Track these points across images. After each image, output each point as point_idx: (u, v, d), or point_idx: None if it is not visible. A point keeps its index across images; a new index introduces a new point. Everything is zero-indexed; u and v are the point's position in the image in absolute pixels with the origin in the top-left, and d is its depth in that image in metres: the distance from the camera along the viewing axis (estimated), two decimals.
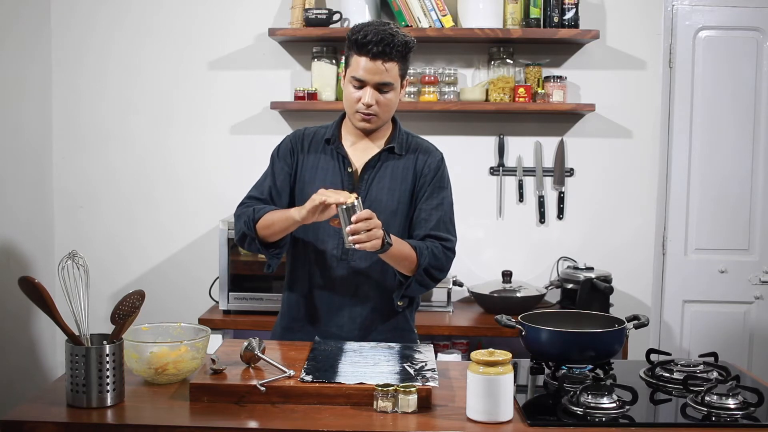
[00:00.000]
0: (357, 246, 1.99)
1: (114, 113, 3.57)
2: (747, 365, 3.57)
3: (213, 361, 1.88)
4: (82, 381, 1.75)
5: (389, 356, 2.01)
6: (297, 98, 3.38)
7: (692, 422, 1.76)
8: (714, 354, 2.14)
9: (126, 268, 3.60)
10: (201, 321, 3.11)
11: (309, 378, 1.82)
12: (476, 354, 1.72)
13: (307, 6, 3.38)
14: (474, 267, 3.53)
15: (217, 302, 3.27)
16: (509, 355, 1.73)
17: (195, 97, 3.55)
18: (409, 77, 3.37)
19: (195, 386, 1.80)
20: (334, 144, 2.26)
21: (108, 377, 1.76)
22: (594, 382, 1.84)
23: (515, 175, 3.55)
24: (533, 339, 2.01)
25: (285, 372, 1.83)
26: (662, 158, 3.55)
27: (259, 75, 3.52)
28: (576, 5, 3.35)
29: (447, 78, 3.44)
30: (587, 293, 3.19)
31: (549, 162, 3.55)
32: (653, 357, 2.19)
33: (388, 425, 1.69)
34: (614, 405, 1.77)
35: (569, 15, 3.35)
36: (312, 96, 3.37)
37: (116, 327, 1.80)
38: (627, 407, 1.78)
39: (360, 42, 2.11)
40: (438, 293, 3.40)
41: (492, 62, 3.44)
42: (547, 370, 2.04)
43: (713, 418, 1.76)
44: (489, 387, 1.69)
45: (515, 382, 1.77)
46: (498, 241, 3.57)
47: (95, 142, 3.58)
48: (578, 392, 1.79)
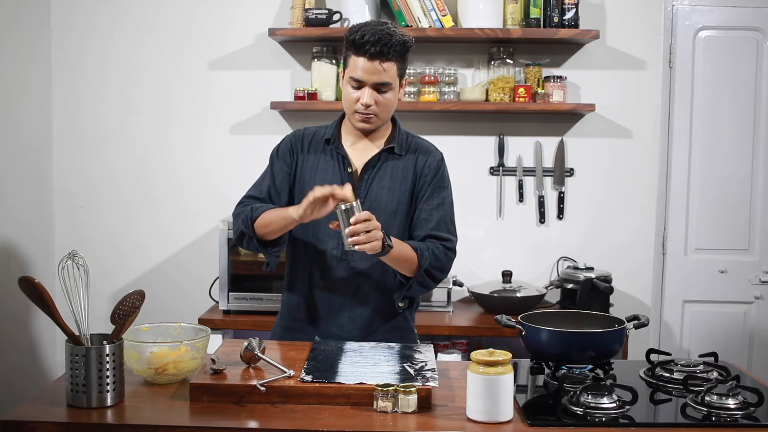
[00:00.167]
0: (356, 247, 1.99)
1: (114, 113, 3.57)
2: (747, 365, 3.56)
3: (213, 361, 1.88)
4: (82, 381, 1.75)
5: (389, 356, 2.01)
6: (297, 98, 3.38)
7: (692, 422, 1.76)
8: (714, 354, 2.14)
9: (126, 268, 3.61)
10: (201, 321, 3.11)
11: (309, 378, 1.82)
12: (476, 354, 1.72)
13: (307, 6, 3.38)
14: (474, 267, 3.53)
15: (217, 302, 3.27)
16: (509, 355, 1.73)
17: (195, 97, 3.56)
18: (409, 77, 3.39)
19: (195, 386, 1.80)
20: (334, 144, 2.26)
21: (108, 377, 1.76)
22: (594, 382, 1.84)
23: (515, 175, 3.55)
24: (533, 339, 2.01)
25: (285, 372, 1.83)
26: (662, 158, 3.55)
27: (259, 75, 3.52)
28: (576, 5, 3.35)
29: (447, 78, 3.44)
30: (587, 293, 3.19)
31: (549, 162, 3.55)
32: (653, 357, 2.19)
33: (388, 425, 1.69)
34: (614, 405, 1.77)
35: (569, 15, 3.35)
36: (312, 96, 3.37)
37: (116, 327, 1.80)
38: (627, 407, 1.78)
39: (357, 42, 2.11)
40: (438, 293, 3.39)
41: (492, 62, 3.44)
42: (547, 370, 2.04)
43: (713, 418, 1.76)
44: (489, 387, 1.69)
45: (515, 382, 1.76)
46: (498, 241, 3.57)
47: (95, 142, 3.58)
48: (578, 392, 1.79)
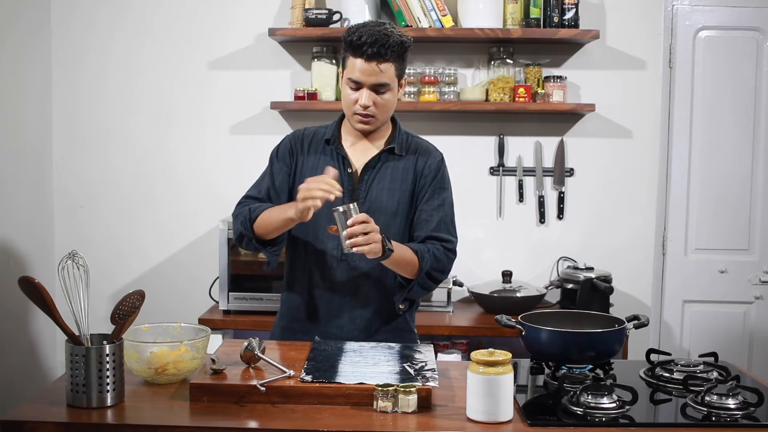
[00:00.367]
0: (355, 249, 1.99)
1: (114, 113, 3.57)
2: (747, 365, 3.56)
3: (213, 361, 1.88)
4: (82, 381, 1.75)
5: (389, 356, 2.01)
6: (297, 98, 3.38)
7: (692, 422, 1.76)
8: (714, 354, 2.14)
9: (126, 268, 3.61)
10: (201, 321, 3.11)
11: (309, 378, 1.82)
12: (476, 354, 1.72)
13: (307, 6, 3.38)
14: (474, 267, 3.53)
15: (217, 302, 3.27)
16: (509, 355, 1.73)
17: (195, 97, 3.55)
18: (409, 77, 3.39)
19: (195, 386, 1.80)
20: (334, 144, 2.26)
21: (108, 377, 1.76)
22: (594, 382, 1.84)
23: (515, 175, 3.55)
24: (533, 339, 2.01)
25: (285, 372, 1.83)
26: (662, 158, 3.55)
27: (259, 75, 3.52)
28: (576, 5, 3.35)
29: (447, 78, 3.44)
30: (587, 293, 3.19)
31: (549, 162, 3.55)
32: (653, 357, 2.19)
33: (388, 425, 1.69)
34: (614, 405, 1.77)
35: (569, 15, 3.35)
36: (312, 96, 3.37)
37: (116, 327, 1.80)
38: (627, 407, 1.78)
39: (355, 44, 2.11)
40: (438, 293, 3.39)
41: (492, 62, 3.44)
42: (547, 370, 2.04)
43: (713, 418, 1.76)
44: (489, 387, 1.69)
45: (515, 382, 1.76)
46: (498, 241, 3.57)
47: (95, 142, 3.58)
48: (578, 392, 1.79)
